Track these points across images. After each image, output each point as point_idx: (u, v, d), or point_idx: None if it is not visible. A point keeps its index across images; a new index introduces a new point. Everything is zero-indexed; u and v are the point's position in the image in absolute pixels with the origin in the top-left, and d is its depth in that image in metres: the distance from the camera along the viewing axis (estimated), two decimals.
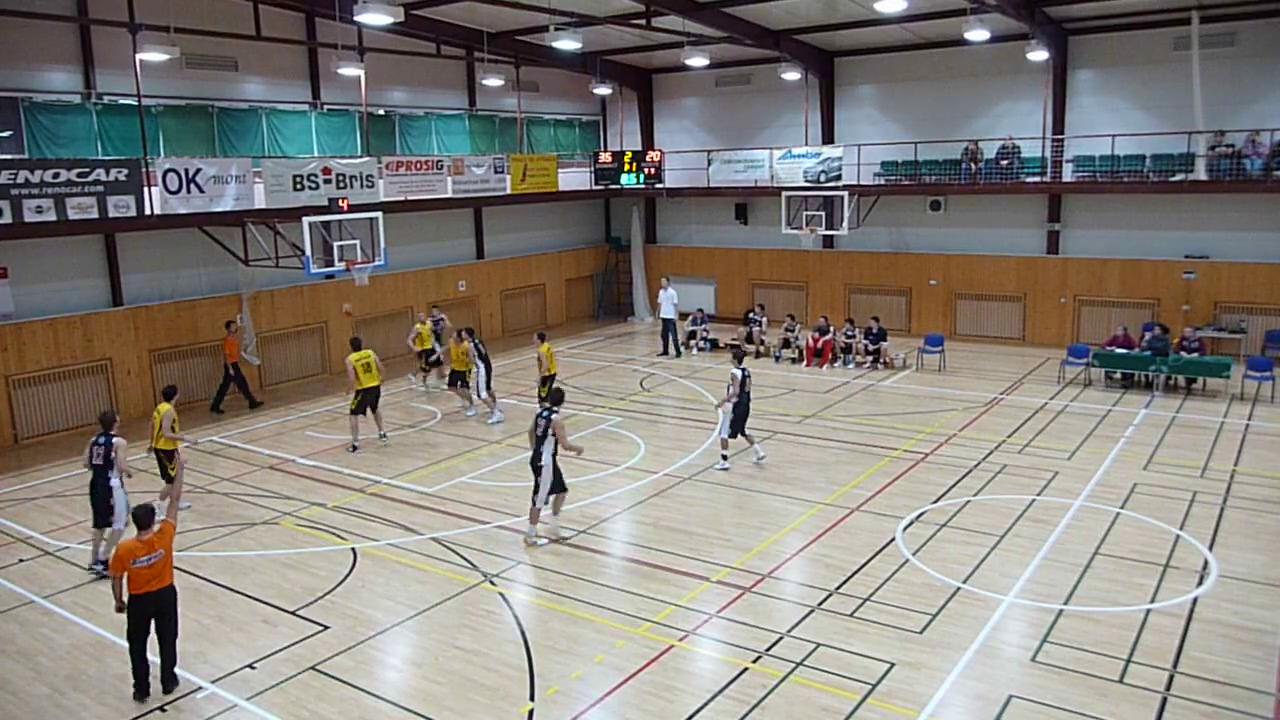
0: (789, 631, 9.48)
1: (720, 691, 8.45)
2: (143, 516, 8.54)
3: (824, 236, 25.60)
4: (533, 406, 15.00)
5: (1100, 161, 22.33)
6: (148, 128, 18.07)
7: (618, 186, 27.62)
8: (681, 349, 23.87)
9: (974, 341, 24.28)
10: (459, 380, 18.35)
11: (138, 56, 16.98)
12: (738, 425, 14.60)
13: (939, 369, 21.25)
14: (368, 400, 16.16)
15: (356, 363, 15.95)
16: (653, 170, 26.89)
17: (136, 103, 17.62)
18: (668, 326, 23.75)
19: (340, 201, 18.23)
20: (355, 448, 16.05)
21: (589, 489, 13.94)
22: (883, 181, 25.13)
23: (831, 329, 22.26)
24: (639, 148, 29.16)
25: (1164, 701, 8.16)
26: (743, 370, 14.52)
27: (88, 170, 15.95)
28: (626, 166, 27.24)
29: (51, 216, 15.53)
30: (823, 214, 23.75)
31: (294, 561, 11.58)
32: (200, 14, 19.05)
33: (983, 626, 9.49)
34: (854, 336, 22.08)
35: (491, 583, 10.84)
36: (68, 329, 17.66)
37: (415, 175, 21.84)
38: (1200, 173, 20.92)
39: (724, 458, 14.69)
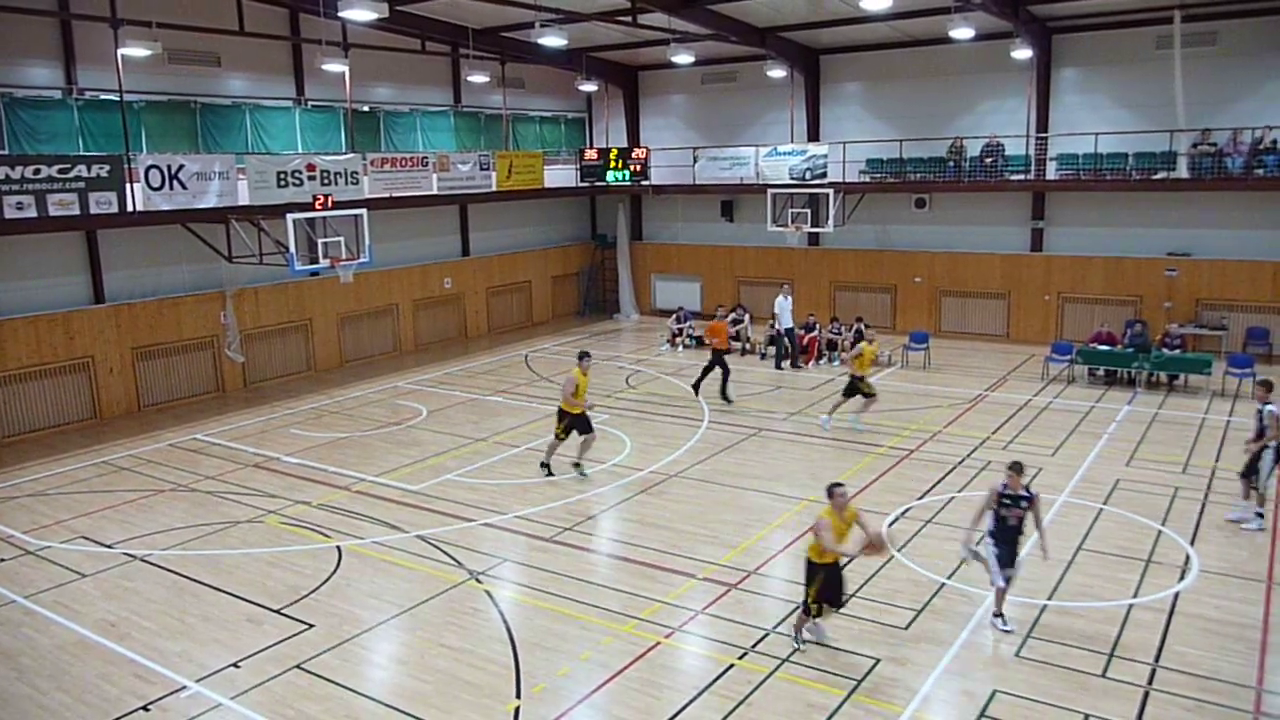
0: (775, 628, 9.51)
1: (706, 688, 8.47)
2: None
3: (809, 234, 25.65)
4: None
5: (1083, 159, 22.45)
6: (130, 124, 17.89)
7: (603, 183, 27.58)
8: (800, 362, 21.62)
9: (958, 338, 24.38)
10: (857, 390, 16.35)
11: (119, 52, 16.82)
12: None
13: (924, 366, 21.33)
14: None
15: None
16: (638, 167, 26.87)
17: (118, 98, 17.44)
18: (785, 336, 21.46)
19: (317, 199, 18.08)
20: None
21: (575, 486, 13.94)
22: (868, 179, 25.19)
23: (818, 326, 22.32)
24: (625, 144, 29.10)
25: (1146, 695, 8.22)
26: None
27: (69, 166, 15.78)
28: (612, 163, 27.19)
29: (32, 213, 15.37)
30: (808, 211, 23.82)
31: (278, 560, 11.53)
32: (183, 9, 18.90)
33: (967, 622, 9.55)
34: (840, 334, 22.14)
35: (477, 580, 10.83)
36: (49, 326, 17.50)
37: (400, 172, 21.74)
38: (1182, 171, 21.08)
39: (1259, 514, 11.77)
